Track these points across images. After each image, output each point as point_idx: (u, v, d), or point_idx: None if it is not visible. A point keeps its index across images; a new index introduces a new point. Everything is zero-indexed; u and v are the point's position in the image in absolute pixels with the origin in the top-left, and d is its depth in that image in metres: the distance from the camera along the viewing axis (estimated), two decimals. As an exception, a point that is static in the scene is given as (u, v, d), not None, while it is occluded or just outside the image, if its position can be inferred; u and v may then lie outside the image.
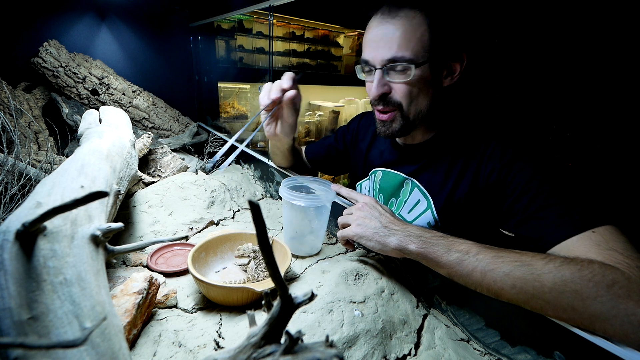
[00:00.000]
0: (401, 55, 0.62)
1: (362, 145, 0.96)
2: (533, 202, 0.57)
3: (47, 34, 1.42)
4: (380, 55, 0.64)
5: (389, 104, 0.68)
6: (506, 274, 0.46)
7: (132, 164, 0.84)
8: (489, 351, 0.55)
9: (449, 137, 0.73)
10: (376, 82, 0.66)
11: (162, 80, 1.80)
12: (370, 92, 0.69)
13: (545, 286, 0.44)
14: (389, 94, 0.67)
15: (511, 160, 0.62)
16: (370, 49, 0.66)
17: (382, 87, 0.66)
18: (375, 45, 0.65)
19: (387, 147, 0.87)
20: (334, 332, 0.50)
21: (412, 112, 0.68)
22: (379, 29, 0.64)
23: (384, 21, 0.64)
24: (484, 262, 0.48)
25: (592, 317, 0.42)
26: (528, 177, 0.59)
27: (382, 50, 0.64)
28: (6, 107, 1.16)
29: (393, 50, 0.62)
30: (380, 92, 0.66)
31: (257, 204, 0.25)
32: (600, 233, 0.49)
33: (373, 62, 0.66)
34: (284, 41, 2.23)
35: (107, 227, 0.46)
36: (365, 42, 0.68)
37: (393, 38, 0.62)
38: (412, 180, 0.78)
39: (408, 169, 0.79)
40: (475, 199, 0.68)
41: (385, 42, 0.63)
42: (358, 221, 0.61)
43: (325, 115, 2.54)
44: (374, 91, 0.67)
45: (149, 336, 0.50)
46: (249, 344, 0.30)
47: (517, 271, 0.46)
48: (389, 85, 0.67)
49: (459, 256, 0.50)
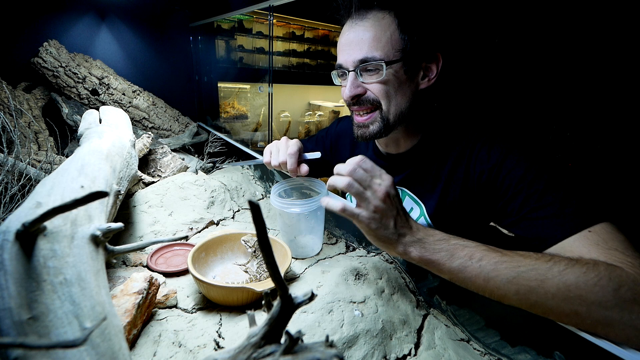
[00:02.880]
0: (372, 55, 0.63)
1: (343, 152, 0.94)
2: (526, 202, 0.56)
3: (47, 34, 1.42)
4: (351, 57, 0.65)
5: (365, 103, 0.68)
6: (509, 281, 0.45)
7: (132, 164, 0.84)
8: (489, 351, 0.55)
9: (433, 143, 0.72)
10: (349, 83, 0.66)
11: (162, 80, 1.80)
12: (344, 94, 0.68)
13: (549, 292, 0.43)
14: (363, 95, 0.67)
15: (500, 159, 0.62)
16: (342, 53, 0.67)
17: (355, 89, 0.66)
18: (347, 48, 0.65)
19: (370, 156, 0.83)
20: (334, 332, 0.50)
21: (392, 112, 0.67)
22: (349, 33, 0.65)
23: (354, 24, 0.65)
24: (486, 268, 0.47)
25: (596, 322, 0.42)
26: (520, 176, 0.58)
27: (353, 53, 0.64)
28: (6, 107, 1.16)
29: (364, 51, 0.63)
30: (354, 93, 0.66)
31: (257, 204, 0.25)
32: (597, 232, 0.49)
33: (346, 65, 0.66)
34: (284, 41, 2.23)
35: (107, 227, 0.46)
36: (338, 48, 0.69)
37: (363, 39, 0.63)
38: (401, 189, 0.77)
39: (396, 179, 0.76)
40: (468, 202, 0.68)
41: (355, 44, 0.64)
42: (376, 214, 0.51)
43: (325, 115, 2.54)
44: (347, 92, 0.66)
45: (149, 336, 0.50)
46: (249, 344, 0.30)
47: (520, 277, 0.45)
48: (362, 86, 0.66)
49: (461, 262, 0.49)
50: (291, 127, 2.43)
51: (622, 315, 0.40)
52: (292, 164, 0.73)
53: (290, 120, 2.40)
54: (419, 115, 0.71)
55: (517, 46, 1.27)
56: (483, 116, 1.32)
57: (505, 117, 1.35)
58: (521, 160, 0.60)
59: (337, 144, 0.96)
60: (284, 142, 0.78)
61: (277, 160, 0.75)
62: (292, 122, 2.42)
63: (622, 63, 1.07)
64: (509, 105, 1.34)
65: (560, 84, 1.22)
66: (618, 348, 0.41)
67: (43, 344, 0.21)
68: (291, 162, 0.73)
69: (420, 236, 0.52)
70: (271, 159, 0.76)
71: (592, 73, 1.14)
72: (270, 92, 1.40)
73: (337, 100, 2.64)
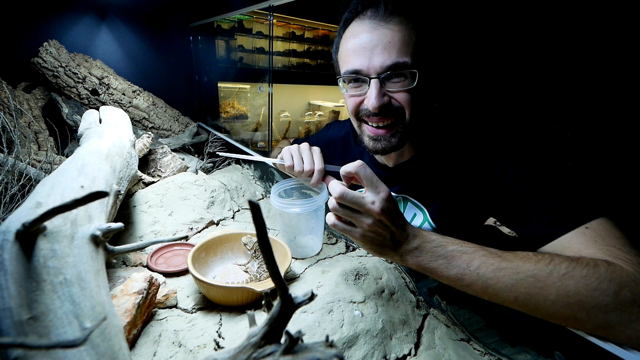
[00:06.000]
0: (403, 61, 0.57)
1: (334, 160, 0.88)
2: (523, 199, 0.56)
3: (47, 34, 1.42)
4: (377, 62, 0.57)
5: (388, 114, 0.61)
6: (508, 288, 0.45)
7: (132, 164, 0.84)
8: (489, 351, 0.55)
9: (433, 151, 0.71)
10: (376, 91, 0.58)
11: (162, 80, 1.80)
12: (370, 104, 0.59)
13: (549, 299, 0.43)
14: (387, 104, 0.60)
15: (495, 158, 0.61)
16: (360, 57, 0.59)
17: (382, 98, 0.59)
18: (368, 52, 0.58)
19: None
20: (334, 332, 0.50)
21: (414, 124, 0.62)
22: (369, 35, 0.58)
23: (377, 26, 0.57)
24: (485, 276, 0.46)
25: (597, 326, 0.42)
26: (516, 174, 0.58)
27: (379, 57, 0.57)
28: (6, 107, 1.16)
29: (393, 55, 0.57)
30: (382, 102, 0.59)
31: (257, 204, 0.25)
32: (594, 228, 0.49)
33: (367, 70, 0.59)
34: (284, 41, 2.23)
35: (107, 227, 0.46)
36: (352, 51, 0.60)
37: (391, 43, 0.57)
38: (402, 197, 0.76)
39: (396, 188, 0.76)
40: (469, 202, 0.68)
41: (382, 48, 0.57)
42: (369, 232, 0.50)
43: (325, 115, 2.54)
44: (375, 102, 0.58)
45: (149, 336, 0.50)
46: (249, 344, 0.30)
47: (519, 285, 0.44)
48: (387, 94, 0.60)
49: (459, 271, 0.48)
50: (291, 127, 2.42)
51: (622, 317, 0.40)
52: (319, 180, 0.72)
53: (290, 120, 2.40)
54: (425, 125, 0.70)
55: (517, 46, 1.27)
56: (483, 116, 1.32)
57: (505, 117, 1.35)
58: (517, 159, 0.60)
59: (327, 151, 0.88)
60: (306, 149, 0.74)
61: (300, 166, 0.72)
62: (292, 122, 2.42)
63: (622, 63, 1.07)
64: (509, 105, 1.34)
65: (561, 84, 1.22)
66: (618, 348, 0.41)
67: (43, 344, 0.21)
68: (317, 178, 0.71)
69: (417, 244, 0.51)
70: (294, 164, 0.72)
71: (592, 73, 1.14)
72: (270, 92, 1.40)
73: (337, 100, 2.64)
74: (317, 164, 0.72)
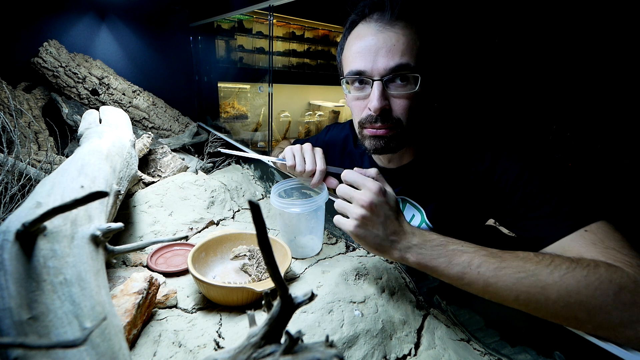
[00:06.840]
0: (407, 63, 0.57)
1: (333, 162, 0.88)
2: (522, 201, 0.56)
3: (47, 34, 1.42)
4: (381, 64, 0.58)
5: (387, 121, 0.61)
6: (509, 288, 0.45)
7: (132, 164, 0.84)
8: (489, 351, 0.55)
9: (432, 154, 0.71)
10: (378, 93, 0.59)
11: (162, 80, 1.80)
12: (371, 105, 0.60)
13: (550, 299, 0.43)
14: (387, 109, 0.61)
15: (493, 160, 0.61)
16: (364, 59, 0.60)
17: (383, 101, 0.59)
18: (372, 54, 0.59)
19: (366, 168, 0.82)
20: (334, 332, 0.50)
21: (410, 130, 0.63)
22: (374, 37, 0.59)
23: (383, 29, 0.58)
24: (485, 275, 0.46)
25: (597, 326, 0.42)
26: (515, 176, 0.58)
27: (382, 59, 0.58)
28: (6, 107, 1.16)
29: (396, 58, 0.57)
30: (382, 105, 0.59)
31: (257, 204, 0.25)
32: (593, 231, 0.49)
33: (370, 72, 0.59)
34: (284, 41, 2.23)
35: (107, 227, 0.46)
36: (356, 52, 0.61)
37: (396, 45, 0.57)
38: (402, 198, 0.77)
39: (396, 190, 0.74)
40: (466, 204, 0.68)
41: (386, 50, 0.58)
42: (360, 222, 0.53)
43: (325, 115, 2.54)
44: (376, 104, 0.59)
45: (149, 336, 0.50)
46: (249, 344, 0.30)
47: (520, 284, 0.44)
48: (389, 99, 0.60)
49: (460, 269, 0.48)
50: (291, 127, 2.42)
51: (623, 318, 0.40)
52: (320, 180, 0.73)
53: (290, 120, 2.40)
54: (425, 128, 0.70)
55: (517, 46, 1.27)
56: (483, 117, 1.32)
57: (506, 118, 1.35)
58: (515, 160, 0.60)
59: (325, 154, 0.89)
60: (309, 149, 0.75)
61: (302, 166, 0.73)
62: (292, 122, 2.42)
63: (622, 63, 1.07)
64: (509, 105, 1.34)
65: (561, 84, 1.22)
66: (618, 348, 0.41)
67: (43, 344, 0.21)
68: (319, 179, 0.72)
69: (417, 241, 0.51)
70: (296, 164, 0.73)
71: (592, 73, 1.14)
72: (270, 92, 1.40)
73: (337, 100, 2.64)
74: (319, 164, 0.73)
